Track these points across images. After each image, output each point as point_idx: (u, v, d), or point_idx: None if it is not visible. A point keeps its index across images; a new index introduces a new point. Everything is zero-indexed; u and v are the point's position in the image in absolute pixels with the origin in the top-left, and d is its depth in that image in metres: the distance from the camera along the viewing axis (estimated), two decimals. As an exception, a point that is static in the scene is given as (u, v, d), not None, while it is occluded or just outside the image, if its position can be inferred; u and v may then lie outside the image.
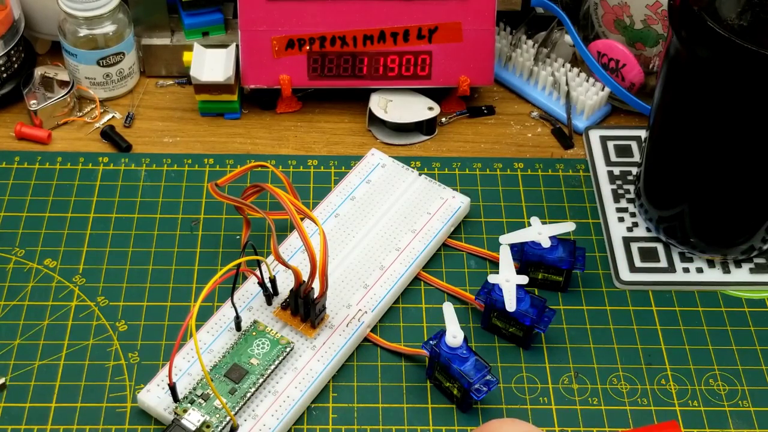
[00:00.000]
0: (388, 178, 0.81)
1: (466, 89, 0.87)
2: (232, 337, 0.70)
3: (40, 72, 0.88)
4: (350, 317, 0.72)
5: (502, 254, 0.72)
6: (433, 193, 0.80)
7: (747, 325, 0.75)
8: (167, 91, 0.91)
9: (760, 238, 0.75)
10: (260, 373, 0.68)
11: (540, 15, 0.93)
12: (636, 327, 0.74)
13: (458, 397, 0.68)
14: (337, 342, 0.70)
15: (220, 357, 0.69)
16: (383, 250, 0.76)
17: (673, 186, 0.75)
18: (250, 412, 0.67)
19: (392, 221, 0.78)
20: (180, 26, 0.90)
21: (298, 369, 0.69)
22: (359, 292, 0.74)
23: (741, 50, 0.63)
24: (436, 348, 0.68)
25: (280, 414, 0.67)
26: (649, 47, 0.87)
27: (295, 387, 0.68)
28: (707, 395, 0.70)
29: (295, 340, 0.70)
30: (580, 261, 0.74)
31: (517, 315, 0.70)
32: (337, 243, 0.76)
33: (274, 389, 0.68)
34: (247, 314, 0.72)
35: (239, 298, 0.73)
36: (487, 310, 0.72)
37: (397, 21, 0.84)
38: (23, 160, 0.84)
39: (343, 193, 0.80)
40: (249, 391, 0.67)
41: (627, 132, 0.87)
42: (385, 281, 0.74)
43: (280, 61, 0.85)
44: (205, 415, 0.65)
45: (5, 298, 0.74)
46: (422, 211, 0.79)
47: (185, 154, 0.85)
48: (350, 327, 0.71)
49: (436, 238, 0.77)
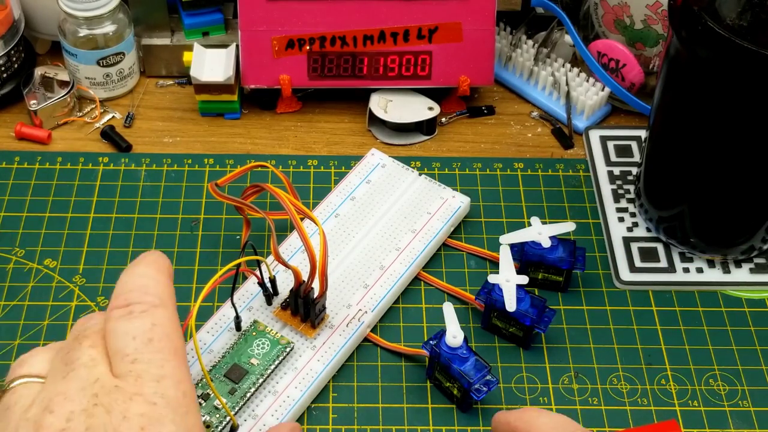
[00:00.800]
0: (388, 178, 0.81)
1: (466, 89, 0.87)
2: (232, 337, 0.70)
3: (40, 72, 0.88)
4: (350, 317, 0.72)
5: (502, 254, 0.72)
6: (433, 193, 0.80)
7: (747, 325, 0.75)
8: (167, 91, 0.91)
9: (760, 238, 0.75)
10: (260, 373, 0.68)
11: (540, 15, 0.93)
12: (636, 327, 0.74)
13: (458, 397, 0.68)
14: (337, 342, 0.70)
15: (220, 357, 0.69)
16: (383, 250, 0.76)
17: (673, 186, 0.75)
18: (250, 412, 0.66)
19: (392, 221, 0.78)
20: (180, 26, 0.90)
21: (298, 369, 0.69)
22: (359, 292, 0.74)
23: (741, 50, 0.63)
24: (436, 348, 0.68)
25: (280, 414, 0.67)
26: (649, 47, 0.87)
27: (295, 387, 0.68)
28: (707, 395, 0.70)
29: (295, 340, 0.70)
30: (581, 261, 0.74)
31: (517, 315, 0.70)
32: (337, 243, 0.76)
33: (274, 389, 0.68)
34: (247, 314, 0.72)
35: (239, 298, 0.73)
36: (487, 310, 0.72)
37: (397, 21, 0.84)
38: (23, 160, 0.84)
39: (343, 193, 0.80)
40: (249, 391, 0.67)
41: (627, 132, 0.87)
42: (385, 281, 0.74)
43: (280, 61, 0.85)
44: (205, 415, 0.65)
45: (5, 298, 0.74)
46: (422, 211, 0.79)
47: (185, 154, 0.85)
48: (350, 327, 0.71)
49: (436, 238, 0.77)
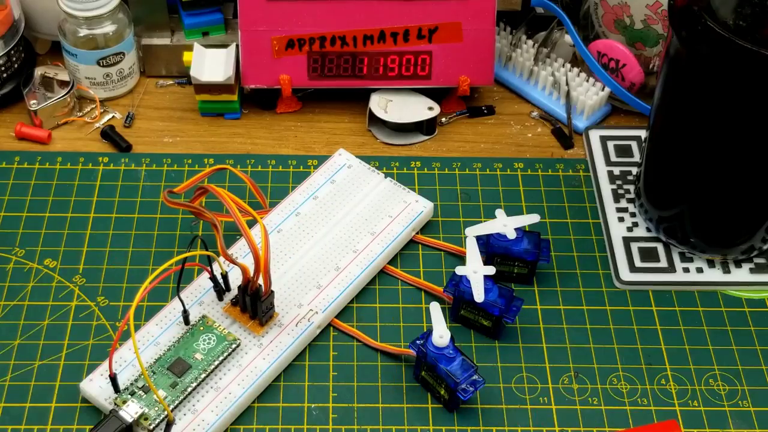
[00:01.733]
0: (353, 179, 0.81)
1: (466, 89, 0.87)
2: (180, 331, 0.70)
3: (40, 72, 0.88)
4: (300, 317, 0.71)
5: (468, 246, 0.72)
6: (397, 196, 0.79)
7: (747, 325, 0.75)
8: (167, 91, 0.91)
9: (760, 238, 0.75)
10: (203, 368, 0.67)
11: (540, 15, 0.93)
12: (636, 327, 0.74)
13: (445, 397, 0.68)
14: (285, 341, 0.70)
15: (165, 350, 0.69)
16: (341, 251, 0.76)
17: (673, 186, 0.75)
18: (190, 407, 0.66)
19: (353, 223, 0.77)
20: (180, 26, 0.90)
21: (243, 366, 0.68)
22: (312, 292, 0.73)
23: (741, 50, 0.63)
24: (423, 348, 0.68)
25: (219, 410, 0.66)
26: (649, 47, 0.87)
27: (237, 384, 0.68)
28: (707, 395, 0.70)
29: (243, 338, 0.70)
30: (545, 253, 0.75)
31: (486, 305, 0.70)
32: (295, 242, 0.76)
33: (216, 385, 0.67)
34: (197, 309, 0.71)
35: (192, 292, 0.72)
36: (456, 302, 0.72)
37: (397, 21, 0.84)
38: (23, 160, 0.84)
39: (306, 192, 0.79)
40: (190, 385, 0.67)
41: (627, 132, 0.87)
42: (339, 282, 0.74)
43: (280, 61, 0.85)
44: (144, 407, 0.65)
45: (5, 298, 0.74)
46: (384, 213, 0.78)
47: (185, 154, 0.85)
48: (299, 327, 0.71)
49: (395, 242, 0.76)
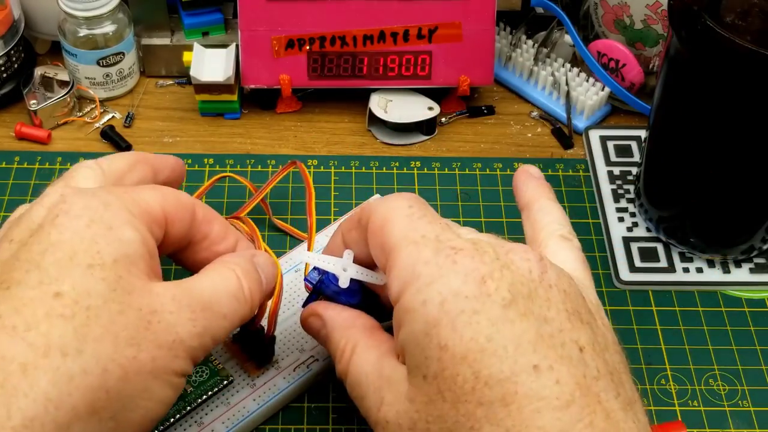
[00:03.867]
0: None
1: (466, 89, 0.87)
2: None
3: (40, 72, 0.88)
4: (299, 362, 0.68)
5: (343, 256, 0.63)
6: None
7: (747, 325, 0.75)
8: (167, 91, 0.91)
9: (760, 238, 0.75)
10: (190, 401, 0.65)
11: (540, 15, 0.93)
12: (636, 327, 0.74)
13: None
14: (279, 384, 0.67)
15: None
16: None
17: (673, 186, 0.75)
18: None
19: None
20: (180, 26, 0.90)
21: (231, 405, 0.65)
22: None
23: (741, 50, 0.62)
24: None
25: None
26: (649, 47, 0.87)
27: (222, 422, 0.64)
28: (707, 395, 0.70)
29: (237, 375, 0.67)
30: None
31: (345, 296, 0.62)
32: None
33: (200, 420, 0.65)
34: None
35: None
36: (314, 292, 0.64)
37: (397, 21, 0.84)
38: (23, 160, 0.84)
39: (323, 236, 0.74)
40: (173, 417, 0.64)
41: (627, 132, 0.87)
42: None
43: (280, 61, 0.85)
44: None
45: (5, 298, 0.74)
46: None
47: (185, 154, 0.85)
48: (297, 372, 0.67)
49: None
